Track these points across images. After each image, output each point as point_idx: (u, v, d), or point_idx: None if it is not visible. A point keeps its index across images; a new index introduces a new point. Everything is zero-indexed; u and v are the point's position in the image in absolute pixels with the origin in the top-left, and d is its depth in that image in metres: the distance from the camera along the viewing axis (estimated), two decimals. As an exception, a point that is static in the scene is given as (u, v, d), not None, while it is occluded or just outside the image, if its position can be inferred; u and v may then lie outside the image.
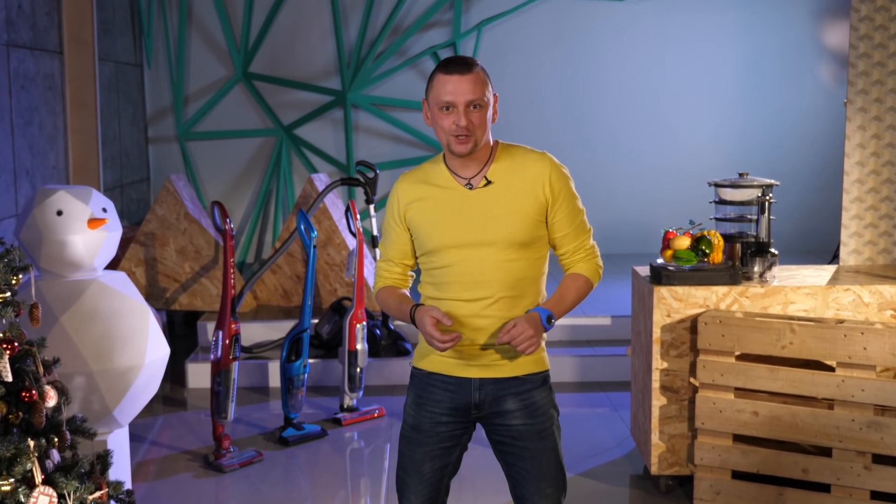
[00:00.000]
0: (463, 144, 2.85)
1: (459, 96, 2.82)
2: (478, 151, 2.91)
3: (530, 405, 2.97)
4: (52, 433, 2.92)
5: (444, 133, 2.87)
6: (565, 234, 2.97)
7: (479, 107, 2.85)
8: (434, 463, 3.01)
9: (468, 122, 2.83)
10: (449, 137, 2.86)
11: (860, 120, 5.02)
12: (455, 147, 2.86)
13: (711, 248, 4.54)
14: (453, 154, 2.89)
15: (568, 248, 3.00)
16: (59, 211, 4.05)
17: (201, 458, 5.26)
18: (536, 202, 2.91)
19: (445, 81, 2.84)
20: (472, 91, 2.83)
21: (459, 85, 2.82)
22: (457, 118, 2.83)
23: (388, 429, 5.73)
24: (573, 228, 2.97)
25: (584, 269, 3.01)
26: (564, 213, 2.95)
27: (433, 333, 2.81)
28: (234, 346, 5.18)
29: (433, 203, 2.94)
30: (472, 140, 2.85)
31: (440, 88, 2.85)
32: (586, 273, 3.01)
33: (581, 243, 3.00)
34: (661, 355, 4.52)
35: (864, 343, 4.02)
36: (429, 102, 2.91)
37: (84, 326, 4.00)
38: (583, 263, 3.01)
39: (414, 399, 3.05)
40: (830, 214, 9.22)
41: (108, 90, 8.26)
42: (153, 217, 7.22)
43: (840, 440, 4.09)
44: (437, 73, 2.87)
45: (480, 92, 2.84)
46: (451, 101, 2.83)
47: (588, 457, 5.20)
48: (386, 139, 9.64)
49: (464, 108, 2.83)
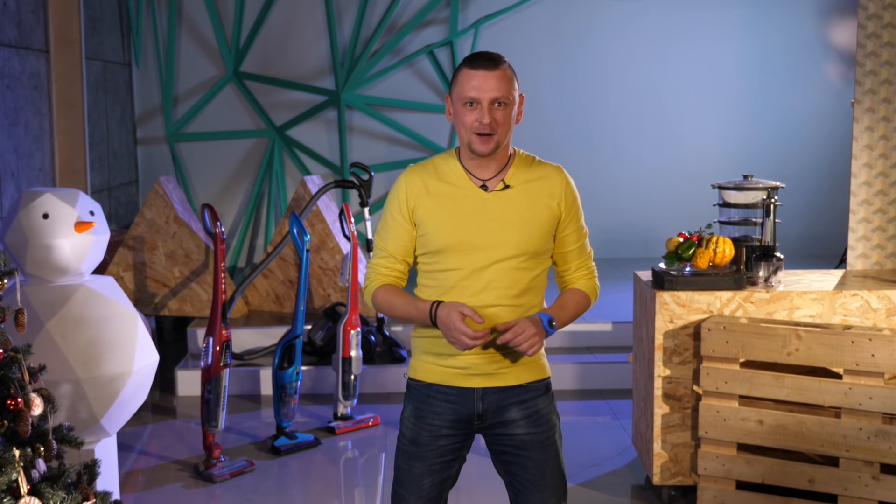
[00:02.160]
0: (485, 145, 2.85)
1: (484, 92, 2.82)
2: (499, 153, 2.90)
3: (534, 413, 2.97)
4: (38, 442, 2.92)
5: (465, 130, 2.86)
6: (571, 249, 3.00)
7: (504, 105, 2.84)
8: (434, 478, 3.00)
9: (492, 119, 2.82)
10: (471, 135, 2.85)
11: (868, 120, 5.03)
12: (476, 146, 2.85)
13: (689, 255, 4.53)
14: (474, 154, 2.88)
15: (572, 265, 3.03)
16: (45, 214, 4.05)
17: (191, 468, 5.26)
18: (551, 214, 2.92)
19: (471, 77, 2.84)
20: (497, 88, 2.82)
21: (485, 81, 2.82)
22: (480, 115, 2.83)
23: (383, 438, 5.73)
24: (579, 246, 3.01)
25: (584, 285, 3.04)
26: (573, 230, 2.98)
27: (464, 330, 2.75)
28: (224, 352, 5.17)
29: (445, 201, 2.91)
30: (494, 140, 2.85)
31: (465, 83, 2.84)
32: (586, 290, 3.04)
33: (584, 261, 3.05)
34: (663, 362, 4.53)
35: (871, 350, 4.02)
36: (452, 98, 2.91)
37: (71, 333, 4.00)
38: (584, 280, 3.05)
39: (412, 412, 3.02)
40: (837, 217, 9.23)
41: (96, 90, 8.27)
42: (142, 220, 7.22)
43: (847, 449, 4.09)
44: (463, 68, 2.87)
45: (506, 89, 2.84)
46: (476, 97, 2.83)
47: (589, 466, 5.20)
48: (381, 140, 9.65)
49: (488, 105, 2.82)
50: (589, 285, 3.05)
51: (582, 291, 3.03)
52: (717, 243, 4.54)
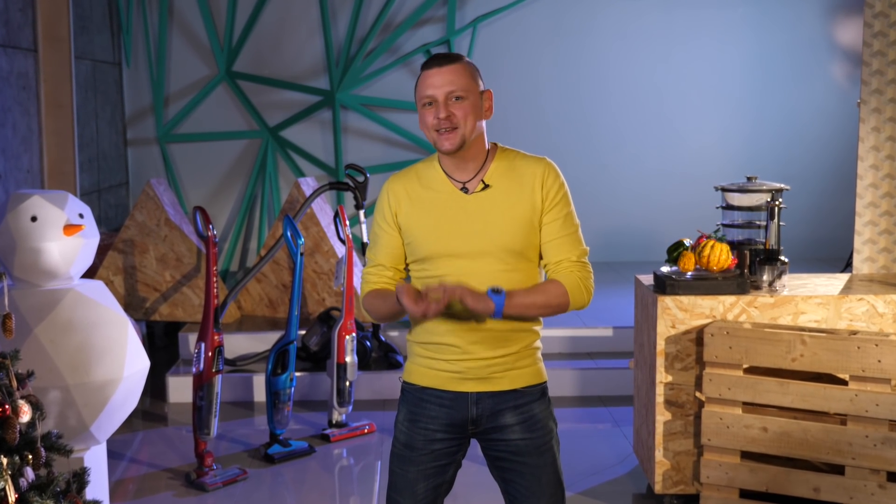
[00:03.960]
0: (447, 139, 2.86)
1: (438, 88, 2.86)
2: (473, 152, 2.92)
3: (529, 419, 2.98)
4: (27, 450, 2.92)
5: (429, 131, 2.90)
6: (553, 240, 2.92)
7: (461, 98, 2.86)
8: (428, 482, 3.01)
9: (449, 112, 2.84)
10: (433, 134, 2.88)
11: (874, 121, 5.04)
12: (440, 143, 2.87)
13: (674, 256, 4.56)
14: (442, 152, 2.90)
15: (553, 258, 2.93)
16: (33, 217, 4.06)
17: (183, 477, 5.26)
18: (532, 206, 2.90)
19: (426, 77, 2.89)
20: (451, 82, 2.85)
21: (438, 77, 2.86)
22: (437, 111, 2.85)
23: (378, 445, 5.74)
24: (562, 237, 2.92)
25: (564, 279, 2.91)
26: (555, 218, 2.92)
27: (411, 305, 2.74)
28: (217, 358, 5.18)
29: (427, 207, 2.94)
30: (457, 134, 2.86)
31: (421, 85, 2.90)
32: (565, 283, 2.91)
33: (568, 254, 2.93)
34: (665, 368, 4.54)
35: (878, 355, 4.03)
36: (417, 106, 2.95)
37: (60, 338, 4.00)
38: (565, 274, 2.92)
39: (406, 415, 3.04)
40: (843, 220, 9.24)
41: (85, 90, 8.27)
42: (132, 223, 7.22)
43: (853, 457, 4.10)
44: (421, 72, 2.92)
45: (462, 83, 2.86)
46: (431, 95, 2.87)
47: (589, 475, 5.21)
48: (376, 141, 9.65)
49: (443, 100, 2.85)
50: (570, 280, 2.90)
51: (559, 282, 2.90)
52: (708, 248, 4.51)
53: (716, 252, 4.49)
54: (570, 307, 2.93)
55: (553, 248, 2.94)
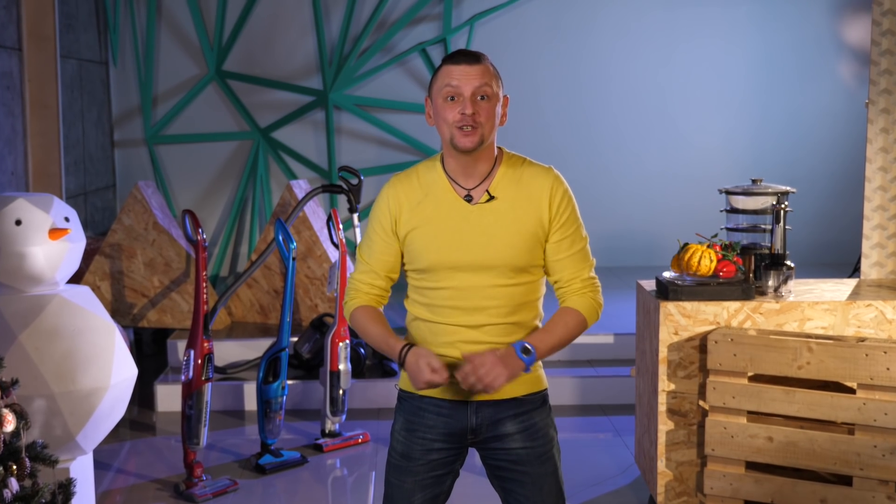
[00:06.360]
0: (468, 137, 2.85)
1: (465, 84, 2.84)
2: (484, 156, 2.91)
3: (530, 427, 2.98)
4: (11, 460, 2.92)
5: (447, 126, 2.87)
6: (561, 258, 2.94)
7: (487, 98, 2.86)
8: (425, 493, 3.01)
9: (475, 111, 2.84)
10: (453, 130, 2.86)
11: (883, 122, 5.05)
12: (459, 140, 2.85)
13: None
14: (457, 149, 2.87)
15: (563, 276, 2.96)
16: (17, 220, 4.06)
17: (171, 488, 5.25)
18: (538, 222, 2.90)
19: (451, 71, 2.87)
20: (479, 80, 2.85)
21: (466, 74, 2.85)
22: (463, 107, 2.84)
23: (373, 455, 5.74)
24: (571, 254, 2.94)
25: (578, 303, 2.95)
26: (564, 236, 2.93)
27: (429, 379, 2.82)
28: (206, 366, 5.18)
29: (428, 216, 2.92)
30: (478, 133, 2.85)
31: (446, 79, 2.87)
32: (581, 308, 2.95)
33: (579, 272, 2.96)
34: (667, 376, 4.54)
35: (887, 363, 4.03)
36: (432, 98, 2.92)
37: (45, 345, 4.00)
38: (578, 296, 2.95)
39: (403, 424, 3.04)
40: (851, 224, 9.25)
41: (71, 90, 8.27)
42: (119, 227, 7.22)
43: (861, 468, 4.10)
44: (443, 65, 2.90)
45: (489, 83, 2.86)
46: (457, 88, 2.85)
47: (589, 485, 5.21)
48: (371, 143, 9.66)
49: (470, 97, 2.84)
50: (585, 303, 2.95)
51: (575, 310, 2.95)
52: (690, 252, 4.52)
53: (692, 257, 4.48)
54: (587, 328, 3.00)
55: (562, 266, 2.96)
